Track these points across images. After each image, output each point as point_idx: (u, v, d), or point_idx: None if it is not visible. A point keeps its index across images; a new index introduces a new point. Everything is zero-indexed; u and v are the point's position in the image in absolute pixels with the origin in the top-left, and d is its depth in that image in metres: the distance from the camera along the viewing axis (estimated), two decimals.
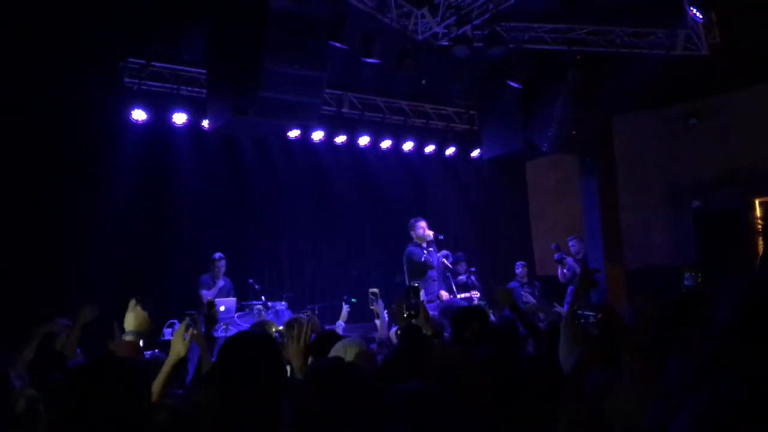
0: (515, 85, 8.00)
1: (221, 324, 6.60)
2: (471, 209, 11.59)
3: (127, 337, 2.61)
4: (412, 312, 3.12)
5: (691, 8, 6.50)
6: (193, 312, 3.20)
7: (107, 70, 8.02)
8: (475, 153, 10.99)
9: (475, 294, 8.38)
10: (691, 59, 8.39)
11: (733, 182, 10.16)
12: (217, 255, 8.30)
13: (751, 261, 10.00)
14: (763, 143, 9.77)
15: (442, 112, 11.03)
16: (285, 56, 6.31)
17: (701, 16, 6.65)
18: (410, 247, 7.96)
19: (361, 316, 7.53)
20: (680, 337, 1.52)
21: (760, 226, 9.98)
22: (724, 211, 10.21)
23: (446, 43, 7.58)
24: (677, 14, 7.48)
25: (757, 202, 10.27)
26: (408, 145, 10.75)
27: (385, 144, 10.55)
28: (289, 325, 3.60)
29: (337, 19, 6.39)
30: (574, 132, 8.50)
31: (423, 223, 7.98)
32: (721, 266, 9.54)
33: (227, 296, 8.14)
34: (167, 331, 7.44)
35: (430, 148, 10.98)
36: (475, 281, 8.91)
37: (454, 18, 7.12)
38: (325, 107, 9.04)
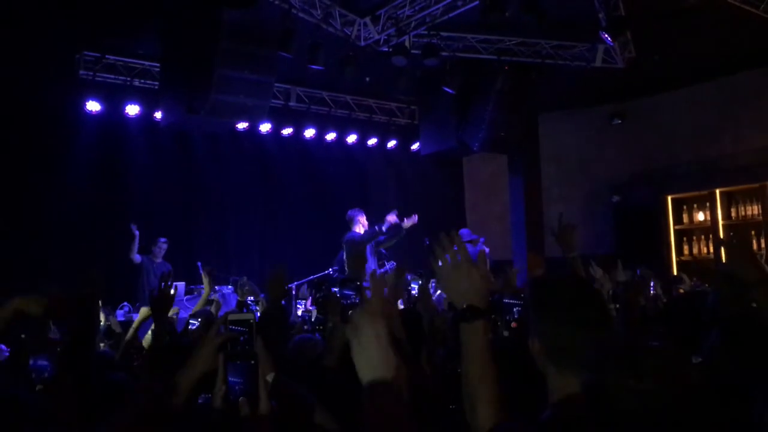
0: (449, 90, 8.64)
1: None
2: (410, 199, 12.18)
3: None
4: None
5: (604, 34, 7.26)
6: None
7: (63, 62, 8.29)
8: (416, 146, 11.64)
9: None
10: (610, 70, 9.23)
11: (648, 180, 11.15)
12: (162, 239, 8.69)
13: (661, 251, 11.07)
14: (675, 145, 10.79)
15: (385, 106, 11.60)
16: (237, 63, 6.78)
17: (612, 42, 7.43)
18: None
19: None
20: None
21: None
22: (640, 206, 11.17)
23: (387, 49, 8.17)
24: (596, 32, 8.24)
25: (669, 198, 11.26)
26: (351, 138, 11.35)
27: (330, 136, 11.13)
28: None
29: (286, 31, 6.87)
30: (502, 134, 9.25)
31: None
32: (636, 255, 10.54)
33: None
34: (119, 312, 7.93)
35: (372, 141, 11.60)
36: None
37: (393, 29, 7.72)
38: (273, 100, 9.41)
